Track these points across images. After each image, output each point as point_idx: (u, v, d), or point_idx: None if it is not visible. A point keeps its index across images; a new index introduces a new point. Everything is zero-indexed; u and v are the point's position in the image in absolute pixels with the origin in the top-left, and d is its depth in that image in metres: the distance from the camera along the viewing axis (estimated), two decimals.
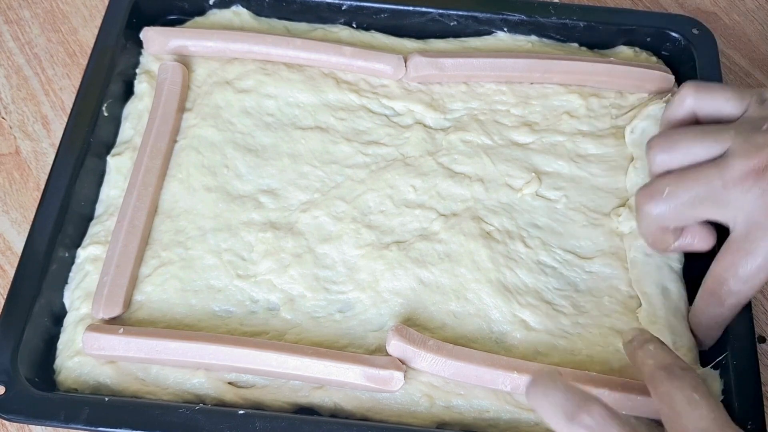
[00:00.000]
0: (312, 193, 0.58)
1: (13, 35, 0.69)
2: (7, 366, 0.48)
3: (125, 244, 0.54)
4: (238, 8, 0.65)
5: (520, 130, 0.60)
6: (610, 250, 0.56)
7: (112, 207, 0.57)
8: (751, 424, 0.47)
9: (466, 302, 0.53)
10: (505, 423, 0.50)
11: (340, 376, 0.49)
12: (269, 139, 0.60)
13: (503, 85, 0.62)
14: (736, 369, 0.49)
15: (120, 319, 0.53)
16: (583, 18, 0.64)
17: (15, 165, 0.63)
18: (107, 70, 0.60)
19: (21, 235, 0.60)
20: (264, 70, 0.62)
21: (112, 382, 0.50)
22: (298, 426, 0.47)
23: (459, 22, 0.64)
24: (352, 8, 0.64)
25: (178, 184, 0.58)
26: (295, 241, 0.55)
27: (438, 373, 0.49)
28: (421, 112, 0.61)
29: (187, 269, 0.54)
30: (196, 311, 0.53)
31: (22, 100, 0.66)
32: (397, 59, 0.62)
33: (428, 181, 0.58)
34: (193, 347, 0.49)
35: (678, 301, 0.53)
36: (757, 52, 0.70)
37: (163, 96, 0.59)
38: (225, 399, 0.50)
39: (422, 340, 0.50)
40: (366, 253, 0.55)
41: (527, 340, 0.52)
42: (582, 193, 0.58)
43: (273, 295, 0.54)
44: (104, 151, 0.59)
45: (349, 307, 0.54)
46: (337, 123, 0.61)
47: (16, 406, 0.47)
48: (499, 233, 0.56)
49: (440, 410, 0.50)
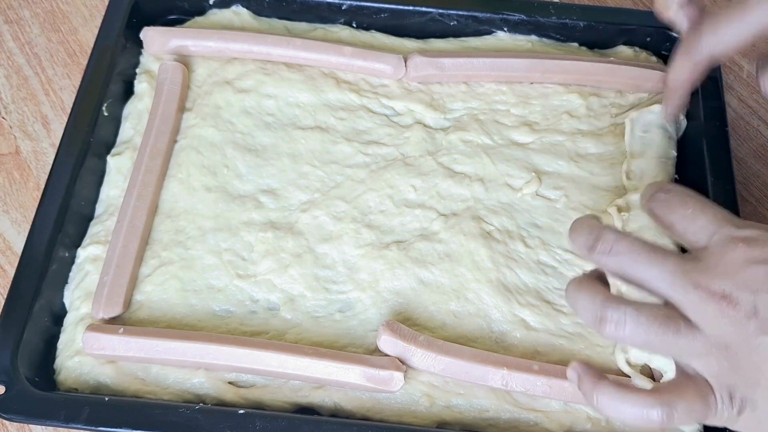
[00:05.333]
0: (312, 193, 0.58)
1: (13, 35, 0.69)
2: (7, 366, 0.48)
3: (125, 244, 0.54)
4: (238, 8, 0.65)
5: (520, 129, 0.61)
6: None
7: (112, 207, 0.57)
8: None
9: (466, 302, 0.53)
10: (505, 422, 0.50)
11: (340, 377, 0.49)
12: (269, 139, 0.60)
13: (503, 85, 0.62)
14: None
15: (120, 319, 0.53)
16: (583, 18, 0.64)
17: (15, 165, 0.63)
18: (107, 70, 0.60)
19: (21, 235, 0.60)
20: (264, 70, 0.62)
21: (112, 381, 0.50)
22: (298, 425, 0.47)
23: (459, 22, 0.64)
24: (352, 8, 0.64)
25: (178, 184, 0.58)
26: (295, 241, 0.55)
27: (429, 369, 0.49)
28: (421, 111, 0.61)
29: (187, 269, 0.54)
30: (196, 311, 0.53)
31: (22, 100, 0.66)
32: (397, 59, 0.62)
33: (428, 181, 0.58)
34: (193, 347, 0.49)
35: None
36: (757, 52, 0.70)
37: (163, 96, 0.59)
38: (225, 399, 0.50)
39: (413, 336, 0.50)
40: (366, 253, 0.55)
41: (527, 340, 0.52)
42: (582, 192, 0.58)
43: (273, 295, 0.54)
44: (104, 151, 0.59)
45: (349, 306, 0.54)
46: (337, 123, 0.61)
47: (16, 405, 0.47)
48: (499, 233, 0.56)
49: (440, 410, 0.50)
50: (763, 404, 0.39)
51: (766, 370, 0.38)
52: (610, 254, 0.40)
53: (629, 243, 0.40)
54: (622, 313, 0.39)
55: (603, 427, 0.50)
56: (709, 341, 0.39)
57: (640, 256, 0.40)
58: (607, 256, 0.41)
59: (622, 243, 0.40)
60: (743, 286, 0.38)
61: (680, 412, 0.39)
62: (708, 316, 0.39)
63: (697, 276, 0.39)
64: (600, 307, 0.40)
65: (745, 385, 0.39)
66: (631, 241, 0.40)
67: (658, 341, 0.39)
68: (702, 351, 0.39)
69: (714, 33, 0.50)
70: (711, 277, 0.39)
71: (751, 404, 0.39)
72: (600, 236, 0.41)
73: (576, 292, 0.42)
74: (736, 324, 0.38)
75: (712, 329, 0.39)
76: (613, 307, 0.40)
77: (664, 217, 0.43)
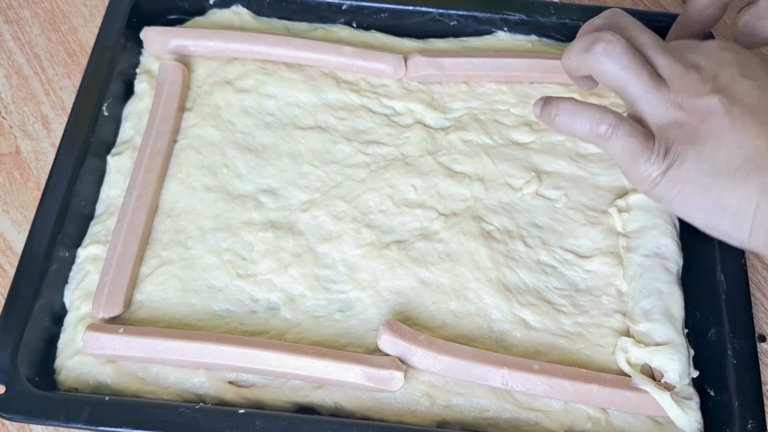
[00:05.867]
0: (312, 193, 0.58)
1: (13, 35, 0.69)
2: (8, 365, 0.48)
3: (125, 243, 0.54)
4: (238, 8, 0.65)
5: (521, 129, 0.61)
6: (608, 248, 0.56)
7: (112, 207, 0.57)
8: (751, 423, 0.47)
9: (466, 301, 0.53)
10: (505, 422, 0.50)
11: (341, 376, 0.49)
12: (269, 139, 0.60)
13: (503, 84, 0.62)
14: (736, 368, 0.49)
15: (120, 319, 0.53)
16: (583, 18, 0.64)
17: (15, 165, 0.63)
18: (107, 70, 0.60)
19: (21, 235, 0.60)
20: (264, 70, 0.62)
21: (113, 381, 0.50)
22: (299, 425, 0.47)
23: (459, 22, 0.64)
24: (352, 8, 0.64)
25: (178, 184, 0.58)
26: (295, 241, 0.55)
27: (429, 368, 0.49)
28: (421, 111, 0.61)
29: (187, 269, 0.54)
30: (197, 311, 0.53)
31: (22, 100, 0.66)
32: (397, 59, 0.62)
33: (428, 181, 0.58)
34: (193, 347, 0.49)
35: (670, 301, 0.52)
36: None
37: (163, 96, 0.59)
38: (225, 398, 0.50)
39: (413, 336, 0.50)
40: (366, 253, 0.55)
41: (527, 340, 0.52)
42: (582, 192, 0.58)
43: (273, 295, 0.54)
44: (104, 150, 0.59)
45: (350, 306, 0.54)
46: (337, 123, 0.61)
47: (17, 405, 0.47)
48: (500, 233, 0.56)
49: (440, 409, 0.50)
50: (690, 161, 0.43)
51: (703, 130, 0.43)
52: (611, 52, 0.45)
53: (623, 43, 0.45)
54: (617, 39, 0.45)
55: (603, 427, 0.50)
56: (669, 98, 0.44)
57: (638, 29, 0.46)
58: (605, 54, 0.45)
59: (618, 43, 0.45)
60: (712, 60, 0.45)
61: (622, 134, 0.44)
62: (678, 75, 0.44)
63: (678, 51, 0.46)
64: (599, 34, 0.45)
65: (683, 140, 0.43)
66: (624, 42, 0.45)
67: (630, 78, 0.44)
68: (661, 104, 0.44)
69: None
70: (690, 53, 0.46)
71: (681, 159, 0.43)
72: (600, 37, 0.45)
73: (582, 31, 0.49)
74: (697, 86, 0.44)
75: (677, 88, 0.44)
76: (611, 33, 0.45)
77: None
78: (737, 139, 0.42)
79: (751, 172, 0.41)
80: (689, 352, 0.51)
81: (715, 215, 0.43)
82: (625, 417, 0.50)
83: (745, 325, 0.51)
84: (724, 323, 0.51)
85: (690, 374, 0.50)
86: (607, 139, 0.44)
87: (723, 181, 0.42)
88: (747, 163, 0.41)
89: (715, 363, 0.50)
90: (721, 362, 0.50)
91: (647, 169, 0.44)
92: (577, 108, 0.46)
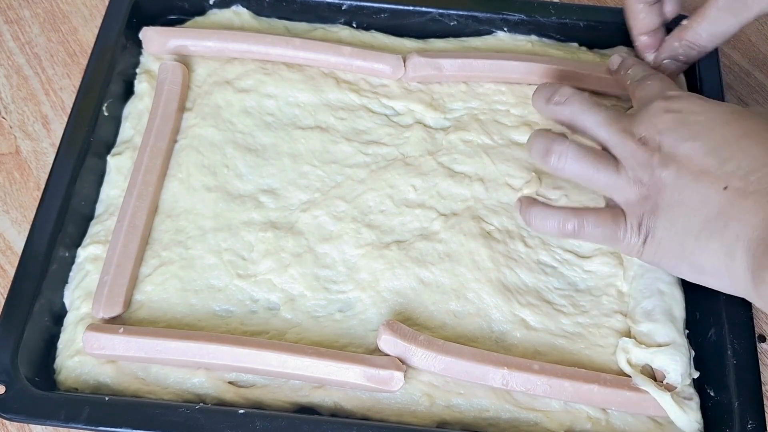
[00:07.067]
0: (312, 193, 0.58)
1: (13, 35, 0.69)
2: (8, 365, 0.48)
3: (125, 243, 0.54)
4: (238, 8, 0.65)
5: (520, 129, 0.61)
6: (608, 248, 0.56)
7: (112, 207, 0.57)
8: (751, 423, 0.47)
9: (466, 302, 0.53)
10: (505, 422, 0.50)
11: (340, 376, 0.49)
12: (269, 139, 0.60)
13: (503, 84, 0.62)
14: (736, 368, 0.49)
15: (120, 319, 0.53)
16: (583, 18, 0.64)
17: (15, 165, 0.63)
18: (107, 69, 0.60)
19: (21, 235, 0.60)
20: (264, 70, 0.62)
21: (113, 381, 0.50)
22: (299, 425, 0.47)
23: (459, 22, 0.64)
24: (352, 8, 0.64)
25: (179, 184, 0.58)
26: (295, 241, 0.55)
27: (429, 368, 0.49)
28: (421, 111, 0.61)
29: (187, 269, 0.54)
30: (197, 311, 0.53)
31: (22, 100, 0.66)
32: (396, 59, 0.62)
33: (428, 181, 0.58)
34: (193, 347, 0.49)
35: (672, 302, 0.52)
36: (757, 52, 0.70)
37: (163, 96, 0.59)
38: (225, 398, 0.50)
39: (413, 336, 0.50)
40: (366, 253, 0.55)
41: (527, 340, 0.52)
42: (582, 192, 0.58)
43: (273, 295, 0.54)
44: (104, 150, 0.59)
45: (350, 306, 0.54)
46: (337, 123, 0.61)
47: (17, 405, 0.47)
48: (500, 233, 0.56)
49: (440, 409, 0.50)
50: (660, 230, 0.46)
51: (661, 200, 0.46)
52: (564, 104, 0.50)
53: (579, 97, 0.50)
54: (566, 147, 0.49)
55: (603, 427, 0.50)
56: (629, 177, 0.47)
57: (586, 107, 0.50)
58: (561, 105, 0.50)
59: (574, 96, 0.50)
60: (654, 129, 0.47)
61: (590, 225, 0.49)
62: (628, 155, 0.47)
63: (626, 123, 0.48)
64: (550, 141, 0.49)
65: (650, 213, 0.47)
66: (581, 96, 0.50)
67: (590, 174, 0.48)
68: (624, 186, 0.47)
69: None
70: (636, 125, 0.48)
71: (652, 230, 0.47)
72: (557, 90, 0.51)
73: (534, 136, 0.51)
74: (646, 160, 0.46)
75: (631, 166, 0.47)
76: (560, 141, 0.49)
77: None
78: (691, 206, 0.45)
79: (713, 233, 0.44)
80: (690, 352, 0.51)
81: (697, 274, 0.46)
82: (625, 417, 0.50)
83: (745, 325, 0.51)
84: (724, 323, 0.51)
85: (691, 375, 0.50)
86: (577, 234, 0.49)
87: (691, 246, 0.45)
88: (707, 224, 0.44)
89: (715, 363, 0.50)
90: (721, 362, 0.50)
91: (627, 244, 0.48)
92: (545, 212, 0.50)
